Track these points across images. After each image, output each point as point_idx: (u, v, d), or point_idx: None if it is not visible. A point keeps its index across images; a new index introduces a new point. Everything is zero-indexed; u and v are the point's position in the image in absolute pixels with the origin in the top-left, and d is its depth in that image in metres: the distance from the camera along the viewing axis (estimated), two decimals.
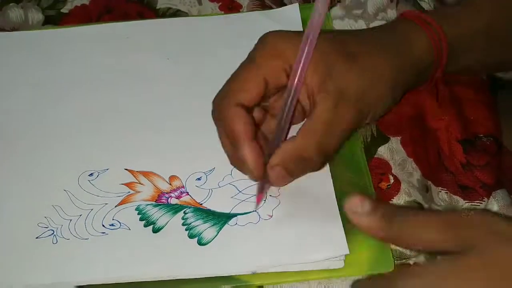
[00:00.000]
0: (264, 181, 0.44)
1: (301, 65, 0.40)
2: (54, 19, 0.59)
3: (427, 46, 0.45)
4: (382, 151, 0.50)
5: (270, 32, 0.43)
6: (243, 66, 0.43)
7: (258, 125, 0.45)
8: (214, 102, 0.44)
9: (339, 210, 0.45)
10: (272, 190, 0.46)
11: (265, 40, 0.43)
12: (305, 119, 0.41)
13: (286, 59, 0.41)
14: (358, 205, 0.35)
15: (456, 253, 0.31)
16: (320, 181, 0.47)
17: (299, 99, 0.43)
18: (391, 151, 0.50)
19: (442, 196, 0.49)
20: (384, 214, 0.34)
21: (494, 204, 0.48)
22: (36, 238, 0.44)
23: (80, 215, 0.45)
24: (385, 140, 0.50)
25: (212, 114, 0.44)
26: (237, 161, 0.44)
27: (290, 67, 0.41)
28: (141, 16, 0.59)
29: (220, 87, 0.52)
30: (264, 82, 0.42)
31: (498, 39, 0.49)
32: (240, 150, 0.41)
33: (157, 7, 0.60)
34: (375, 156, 0.49)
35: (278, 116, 0.42)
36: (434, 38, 0.45)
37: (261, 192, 0.45)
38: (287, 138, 0.44)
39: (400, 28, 0.46)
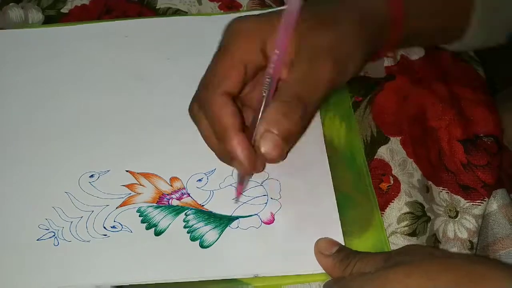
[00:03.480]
0: (246, 172, 0.42)
1: (282, 43, 0.40)
2: (54, 19, 0.60)
3: (384, 5, 0.46)
4: (382, 152, 0.50)
5: (235, 19, 0.44)
6: (220, 55, 0.43)
7: None
8: (195, 96, 0.43)
9: (339, 215, 0.46)
10: (273, 193, 0.47)
11: (233, 26, 0.43)
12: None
13: (259, 38, 0.42)
14: (326, 247, 0.43)
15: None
16: (321, 185, 0.48)
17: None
18: (391, 151, 0.50)
19: (443, 196, 0.49)
20: (343, 257, 0.42)
21: (494, 203, 0.49)
22: (37, 240, 0.45)
23: (81, 217, 0.46)
24: (385, 140, 0.51)
25: (191, 110, 0.44)
26: (224, 155, 0.43)
27: (263, 45, 0.42)
28: (141, 16, 0.60)
29: None
30: (244, 66, 0.42)
31: (451, 7, 0.49)
32: (229, 142, 0.40)
33: (157, 7, 0.60)
34: (375, 157, 0.50)
35: (264, 91, 0.41)
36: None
37: (241, 183, 0.45)
38: None
39: None
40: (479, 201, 0.48)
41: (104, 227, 0.45)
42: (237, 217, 0.46)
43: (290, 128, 0.39)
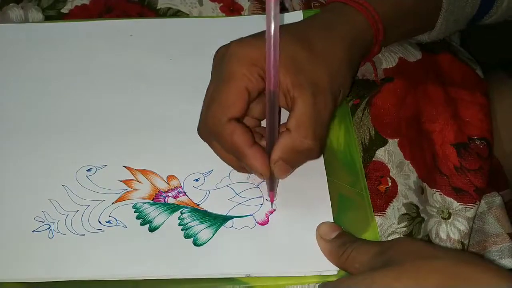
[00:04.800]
0: (272, 179, 0.47)
1: (273, 68, 0.43)
2: (54, 19, 0.62)
3: (367, 26, 0.52)
4: (381, 154, 0.52)
5: (231, 43, 0.47)
6: (223, 82, 0.46)
7: None
8: (203, 123, 0.47)
9: (338, 217, 0.48)
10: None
11: (232, 51, 0.47)
12: (290, 114, 0.45)
13: (259, 64, 0.45)
14: (326, 232, 0.46)
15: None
16: (317, 187, 0.49)
17: None
18: (389, 153, 0.52)
19: (436, 198, 0.51)
20: (341, 244, 0.44)
21: (484, 205, 0.51)
22: (33, 231, 0.47)
23: (77, 211, 0.48)
24: (383, 142, 0.53)
25: (200, 134, 0.48)
26: (244, 169, 0.48)
27: (263, 71, 0.45)
28: (141, 16, 0.62)
29: None
30: (247, 92, 0.46)
31: (424, 14, 0.56)
32: (246, 159, 0.45)
33: (158, 7, 0.62)
34: (374, 159, 0.52)
35: (266, 121, 0.45)
36: (371, 19, 0.52)
37: (272, 190, 0.48)
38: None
39: (342, 11, 0.52)
40: (471, 204, 0.51)
41: (100, 222, 0.47)
42: (231, 217, 0.48)
43: (298, 160, 0.47)
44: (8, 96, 0.55)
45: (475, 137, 0.53)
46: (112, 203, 0.48)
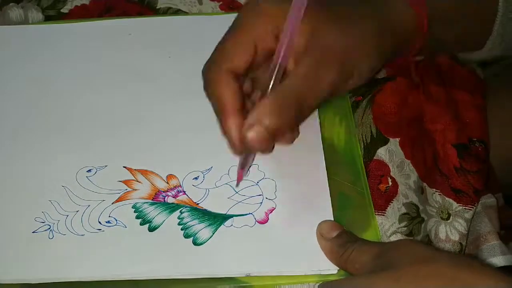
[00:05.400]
0: (246, 157, 0.45)
1: (290, 29, 0.40)
2: (54, 19, 0.63)
3: (408, 13, 0.46)
4: (382, 153, 0.52)
5: None
6: (232, 30, 0.43)
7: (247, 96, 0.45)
8: (203, 70, 0.44)
9: (338, 216, 0.48)
10: (269, 193, 0.49)
11: (250, 4, 0.43)
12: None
13: (274, 21, 0.42)
14: (327, 230, 0.45)
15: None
16: (317, 185, 0.50)
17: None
18: (390, 153, 0.53)
19: (435, 198, 0.52)
20: (341, 243, 0.44)
21: (479, 205, 0.52)
22: (33, 232, 0.47)
23: (77, 211, 0.48)
24: (385, 141, 0.53)
25: (204, 86, 0.44)
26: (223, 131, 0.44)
27: (278, 30, 0.42)
28: (141, 16, 0.63)
29: None
30: (254, 46, 0.42)
31: (475, 14, 0.50)
32: (223, 120, 0.42)
33: (158, 7, 0.63)
34: (375, 158, 0.52)
35: (268, 77, 0.42)
36: (415, 6, 0.46)
37: (243, 168, 0.45)
38: None
39: None
40: (470, 205, 0.51)
41: (99, 222, 0.48)
42: (231, 216, 0.48)
43: (279, 126, 0.40)
44: (8, 97, 0.56)
45: (475, 139, 0.54)
46: (112, 203, 0.49)
